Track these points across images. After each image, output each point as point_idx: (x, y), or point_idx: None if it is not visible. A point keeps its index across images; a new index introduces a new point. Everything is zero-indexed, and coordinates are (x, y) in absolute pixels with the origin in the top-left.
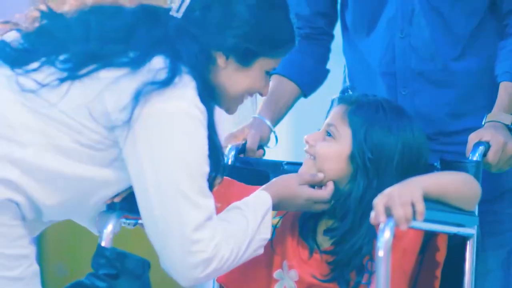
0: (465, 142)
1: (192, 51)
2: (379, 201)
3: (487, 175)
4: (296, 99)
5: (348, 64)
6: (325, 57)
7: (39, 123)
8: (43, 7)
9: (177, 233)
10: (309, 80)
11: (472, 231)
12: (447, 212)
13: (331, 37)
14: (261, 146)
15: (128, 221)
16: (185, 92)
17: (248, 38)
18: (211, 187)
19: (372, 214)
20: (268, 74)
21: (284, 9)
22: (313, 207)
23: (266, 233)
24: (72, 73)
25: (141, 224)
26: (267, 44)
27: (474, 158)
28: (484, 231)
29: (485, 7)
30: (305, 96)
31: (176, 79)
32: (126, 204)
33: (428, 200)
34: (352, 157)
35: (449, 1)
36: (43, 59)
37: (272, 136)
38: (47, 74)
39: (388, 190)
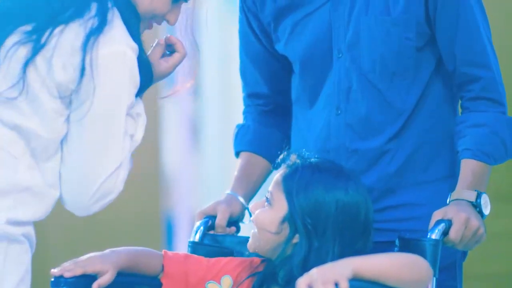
0: (399, 219)
1: None
2: (302, 281)
3: None
4: (268, 173)
5: (292, 142)
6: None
7: None
8: None
9: (97, 168)
10: (278, 154)
11: None
12: None
13: None
14: (235, 222)
15: None
16: (119, 33)
17: None
18: None
19: None
20: (176, 2)
21: None
22: None
23: None
24: (38, 44)
25: None
26: None
27: (433, 237)
28: None
29: (426, 80)
30: (276, 168)
31: (109, 16)
32: (74, 280)
33: (363, 281)
34: (286, 221)
35: (387, 77)
36: None
37: (246, 212)
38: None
39: (314, 269)
